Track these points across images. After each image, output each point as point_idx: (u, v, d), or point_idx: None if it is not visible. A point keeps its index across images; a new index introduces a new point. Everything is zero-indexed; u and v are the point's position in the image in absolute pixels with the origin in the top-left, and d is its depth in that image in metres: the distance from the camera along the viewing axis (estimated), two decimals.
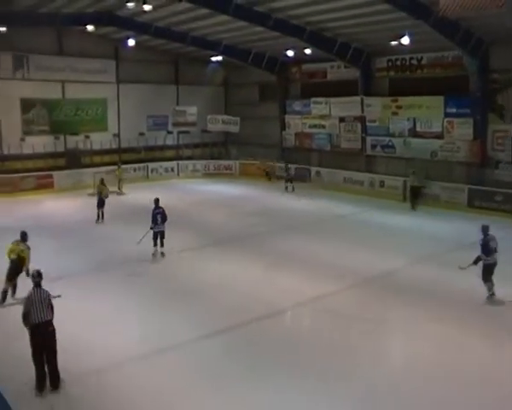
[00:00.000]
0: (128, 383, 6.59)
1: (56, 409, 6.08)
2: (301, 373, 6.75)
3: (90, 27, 21.85)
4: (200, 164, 27.10)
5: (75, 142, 24.76)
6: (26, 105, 23.40)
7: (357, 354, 7.33)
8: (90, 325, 8.35)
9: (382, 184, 20.95)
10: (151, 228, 12.16)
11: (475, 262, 9.10)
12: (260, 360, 7.13)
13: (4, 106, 22.51)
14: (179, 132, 27.77)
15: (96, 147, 25.11)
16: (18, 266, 8.83)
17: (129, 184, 23.03)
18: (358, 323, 8.36)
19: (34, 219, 16.32)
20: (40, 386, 6.27)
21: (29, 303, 6.19)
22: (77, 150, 24.67)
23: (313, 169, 23.97)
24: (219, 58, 25.75)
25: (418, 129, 20.21)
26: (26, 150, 23.18)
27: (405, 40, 17.29)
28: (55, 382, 6.37)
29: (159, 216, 12.28)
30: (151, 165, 26.08)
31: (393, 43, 18.03)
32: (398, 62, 21.10)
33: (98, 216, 16.41)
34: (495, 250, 9.10)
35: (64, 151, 24.44)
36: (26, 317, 6.23)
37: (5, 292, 9.00)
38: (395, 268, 11.26)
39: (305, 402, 6.12)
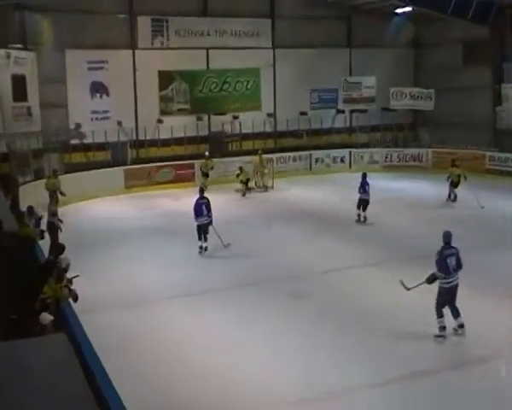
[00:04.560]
0: None
1: None
2: None
3: None
4: (379, 153, 26.77)
5: (221, 123, 25.21)
6: (165, 79, 24.19)
7: None
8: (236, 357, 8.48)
9: None
10: (199, 221, 13.54)
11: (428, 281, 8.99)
12: None
13: (140, 81, 23.65)
14: (352, 111, 27.64)
15: (247, 130, 25.42)
16: None
17: (284, 178, 23.55)
18: None
19: (167, 218, 17.61)
20: None
21: None
22: (223, 134, 25.19)
23: None
24: (407, 10, 25.71)
25: None
26: (164, 134, 23.91)
27: None
28: None
29: (204, 207, 13.61)
30: (315, 153, 26.23)
31: None
32: None
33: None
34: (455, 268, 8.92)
35: (208, 135, 25.08)
36: None
37: None
38: None
39: None
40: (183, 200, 20.60)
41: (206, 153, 22.94)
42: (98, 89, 22.82)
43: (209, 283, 11.79)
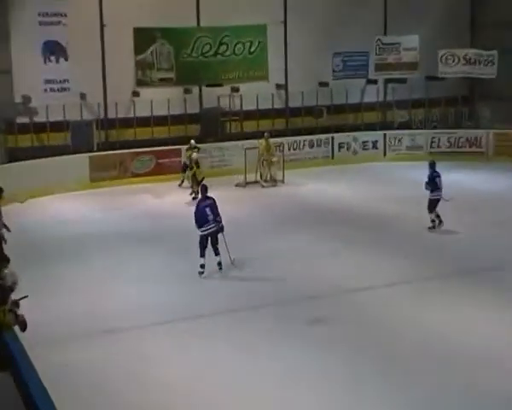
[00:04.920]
0: None
1: None
2: None
3: None
4: (423, 136, 26.81)
5: (216, 98, 25.11)
6: (142, 38, 23.94)
7: None
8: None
9: None
10: (204, 230, 13.40)
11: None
12: None
13: (110, 41, 23.34)
14: (387, 81, 27.76)
15: (249, 106, 25.28)
16: None
17: (298, 170, 23.55)
18: None
19: (145, 221, 17.74)
20: None
21: None
22: (219, 112, 25.11)
23: None
24: None
25: None
26: (141, 112, 23.86)
27: None
28: None
29: (208, 210, 13.42)
30: (339, 137, 26.24)
31: None
32: None
33: None
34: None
35: (199, 113, 25.02)
36: None
37: None
38: None
39: None
40: (167, 198, 20.75)
41: (192, 141, 22.41)
42: (53, 50, 22.58)
43: (202, 305, 11.77)
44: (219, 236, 13.41)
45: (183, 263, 13.95)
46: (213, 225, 13.38)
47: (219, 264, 13.42)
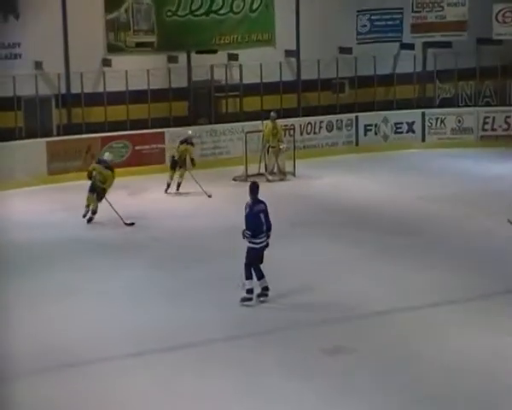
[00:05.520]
0: None
1: None
2: None
3: None
4: (473, 116, 27.20)
5: (208, 68, 25.19)
6: None
7: None
8: None
9: None
10: (258, 242, 12.90)
11: None
12: None
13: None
14: (427, 46, 27.93)
15: (251, 79, 25.45)
16: None
17: (313, 159, 23.88)
18: None
19: (117, 225, 17.59)
20: None
21: None
22: (212, 85, 25.23)
23: None
24: None
25: None
26: (114, 85, 23.95)
27: None
28: None
29: (263, 217, 12.92)
30: (364, 117, 26.66)
31: None
32: None
33: None
34: None
35: (186, 87, 25.07)
36: None
37: None
38: None
39: None
40: (146, 195, 20.92)
41: (190, 132, 22.20)
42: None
43: (191, 330, 11.68)
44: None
45: (167, 278, 13.90)
46: (266, 238, 12.93)
47: (264, 290, 12.78)
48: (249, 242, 12.76)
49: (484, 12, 26.20)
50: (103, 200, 17.23)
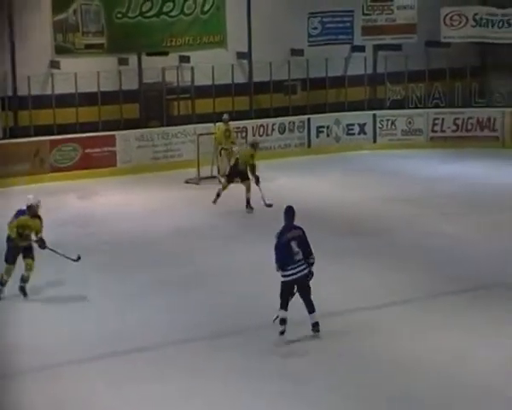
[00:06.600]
0: None
1: None
2: None
3: None
4: (422, 117, 27.47)
5: (160, 70, 25.20)
6: None
7: None
8: None
9: None
10: (288, 275, 11.82)
11: None
12: None
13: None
14: (378, 48, 28.03)
15: (203, 81, 25.55)
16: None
17: (266, 161, 23.10)
18: None
19: (67, 230, 17.30)
20: None
21: None
22: (163, 88, 25.31)
23: None
24: None
25: None
26: (62, 88, 23.70)
27: None
28: None
29: (295, 245, 11.88)
30: (317, 119, 26.63)
31: None
32: None
33: None
34: None
35: (137, 90, 25.03)
36: None
37: None
38: None
39: None
40: (97, 199, 20.58)
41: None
42: None
43: (142, 334, 11.57)
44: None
45: (118, 281, 13.79)
46: (303, 267, 11.79)
47: (315, 326, 11.56)
48: (281, 275, 11.71)
49: (432, 15, 26.47)
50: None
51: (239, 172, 19.03)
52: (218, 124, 22.83)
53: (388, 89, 27.70)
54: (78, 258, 13.34)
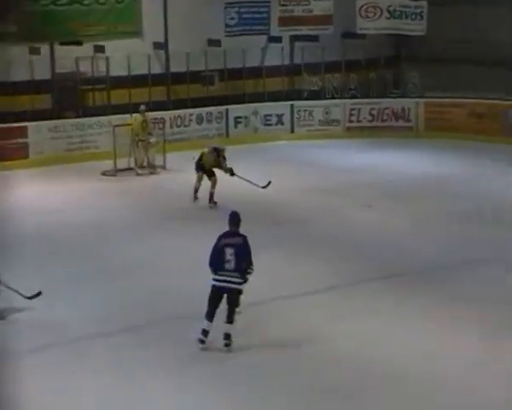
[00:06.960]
0: None
1: None
2: None
3: None
4: (339, 108, 27.83)
5: (73, 60, 24.90)
6: None
7: None
8: None
9: None
10: (217, 280, 11.43)
11: None
12: None
13: None
14: (294, 39, 28.27)
15: (119, 71, 25.46)
16: None
17: (184, 152, 23.32)
18: None
19: None
20: None
21: None
22: (77, 78, 25.08)
23: None
24: None
25: None
26: None
27: None
28: None
29: (230, 252, 11.44)
30: (234, 110, 26.93)
31: None
32: None
33: None
34: None
35: (50, 80, 24.73)
36: None
37: None
38: None
39: None
40: (7, 191, 20.04)
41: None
42: None
43: (63, 328, 11.54)
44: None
45: (35, 275, 13.52)
46: (234, 279, 11.27)
47: (227, 338, 11.05)
48: (212, 278, 11.31)
49: (348, 7, 26.72)
50: None
51: (205, 171, 18.69)
52: (134, 115, 22.77)
53: (305, 79, 27.93)
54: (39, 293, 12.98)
